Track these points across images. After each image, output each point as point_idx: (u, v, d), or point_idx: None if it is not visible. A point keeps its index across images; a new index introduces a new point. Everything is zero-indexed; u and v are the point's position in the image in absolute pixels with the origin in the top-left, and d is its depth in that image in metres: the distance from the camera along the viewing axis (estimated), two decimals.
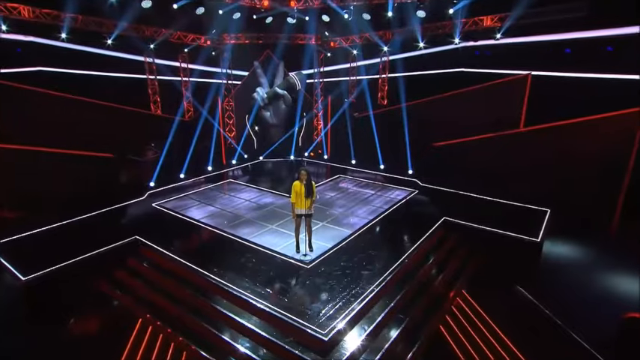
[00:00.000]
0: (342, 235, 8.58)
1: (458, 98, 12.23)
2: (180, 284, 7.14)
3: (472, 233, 8.90)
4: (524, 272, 7.89)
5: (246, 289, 6.60)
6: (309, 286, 6.78)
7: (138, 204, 10.41)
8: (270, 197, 11.22)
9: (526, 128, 10.96)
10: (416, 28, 12.75)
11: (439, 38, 12.84)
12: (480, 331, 6.71)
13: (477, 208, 9.99)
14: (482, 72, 12.70)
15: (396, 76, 14.65)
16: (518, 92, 11.36)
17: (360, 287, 6.67)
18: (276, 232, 8.83)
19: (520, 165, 10.56)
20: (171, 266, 7.59)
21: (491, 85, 11.78)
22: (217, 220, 9.51)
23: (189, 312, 6.66)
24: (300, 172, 7.40)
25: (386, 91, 15.15)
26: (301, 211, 7.51)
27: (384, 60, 14.72)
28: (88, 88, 11.40)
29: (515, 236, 8.41)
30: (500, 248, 8.39)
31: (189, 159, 12.61)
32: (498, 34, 11.68)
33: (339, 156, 14.90)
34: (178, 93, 13.97)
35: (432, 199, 10.86)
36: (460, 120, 11.96)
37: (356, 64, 15.56)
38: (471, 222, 9.05)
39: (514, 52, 11.92)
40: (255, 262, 7.56)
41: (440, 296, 7.42)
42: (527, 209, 9.87)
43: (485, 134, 11.20)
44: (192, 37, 13.36)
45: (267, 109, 15.23)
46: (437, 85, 12.82)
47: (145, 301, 7.15)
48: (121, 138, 11.24)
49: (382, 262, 7.46)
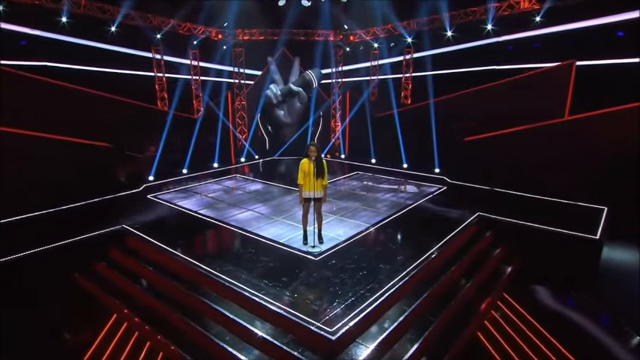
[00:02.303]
0: (358, 228, 7.65)
1: (492, 91, 11.43)
2: (166, 277, 6.30)
3: (512, 230, 7.84)
4: (579, 273, 6.71)
5: (241, 281, 5.69)
6: (316, 280, 5.85)
7: (132, 195, 9.86)
8: (278, 191, 10.55)
9: (572, 116, 9.92)
10: (444, 16, 12.03)
11: (469, 26, 12.05)
12: (528, 340, 5.54)
13: (515, 205, 8.98)
14: (517, 68, 11.81)
15: (421, 75, 13.89)
16: (562, 81, 10.47)
17: (378, 282, 5.67)
18: (282, 224, 7.99)
19: (564, 158, 9.58)
20: (157, 257, 6.78)
21: (530, 76, 10.94)
22: (215, 211, 8.78)
23: (173, 307, 5.77)
24: (308, 148, 6.58)
25: (410, 89, 14.37)
26: (310, 194, 6.63)
27: (407, 58, 14.01)
28: (95, 84, 11.09)
29: (568, 233, 7.23)
30: (548, 246, 7.26)
31: (192, 155, 12.12)
32: (537, 18, 10.78)
33: (358, 155, 14.22)
34: (187, 90, 13.57)
35: (464, 194, 10.02)
36: (495, 113, 11.13)
37: (377, 63, 14.90)
38: (511, 218, 7.94)
39: (554, 43, 11.02)
40: (254, 252, 6.68)
41: (475, 298, 6.31)
42: (575, 206, 8.77)
43: (524, 125, 10.24)
44: (202, 29, 13.03)
45: (280, 107, 14.65)
46: (466, 83, 12.05)
47: (124, 295, 6.32)
48: (123, 132, 10.81)
49: (405, 257, 6.46)
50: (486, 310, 6.18)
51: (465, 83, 12.07)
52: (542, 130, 10.06)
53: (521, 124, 10.39)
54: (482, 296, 6.35)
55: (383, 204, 9.32)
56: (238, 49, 14.19)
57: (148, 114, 11.86)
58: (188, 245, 6.98)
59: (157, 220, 8.32)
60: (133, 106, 11.33)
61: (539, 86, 10.78)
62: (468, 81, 12.17)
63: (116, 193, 9.68)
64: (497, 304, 6.44)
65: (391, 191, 10.52)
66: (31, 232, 7.51)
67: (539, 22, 10.85)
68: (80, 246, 7.03)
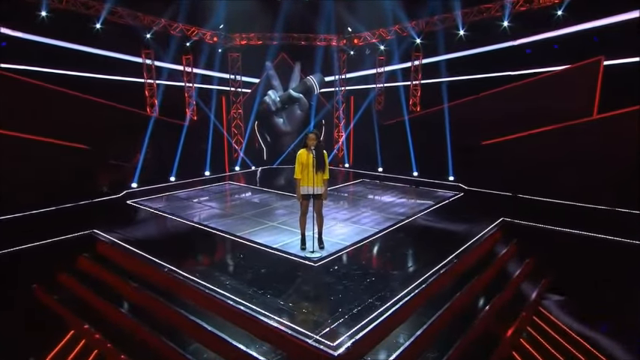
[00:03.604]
0: (364, 233, 6.94)
1: (513, 92, 10.95)
2: (139, 287, 5.54)
3: (542, 236, 7.17)
4: (628, 282, 5.88)
5: (225, 289, 4.93)
6: (315, 287, 5.13)
7: (111, 201, 9.25)
8: (274, 197, 9.94)
9: (600, 115, 9.40)
10: (456, 14, 11.66)
11: (483, 25, 11.63)
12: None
13: (543, 210, 8.44)
14: (535, 73, 11.35)
15: (430, 82, 13.46)
16: (588, 80, 9.97)
17: (390, 290, 4.90)
18: (276, 229, 7.29)
19: (594, 160, 8.99)
20: (129, 264, 6.05)
21: (554, 75, 10.47)
22: (200, 216, 8.15)
23: (142, 320, 5.00)
24: (307, 136, 5.95)
25: (419, 97, 13.89)
26: (309, 190, 5.94)
27: (416, 64, 13.60)
28: (79, 87, 10.64)
29: (612, 239, 6.46)
30: (585, 253, 6.48)
31: (182, 162, 11.59)
32: (559, 12, 10.34)
33: (364, 164, 13.70)
34: (180, 96, 13.13)
35: (483, 200, 9.58)
36: (516, 115, 10.59)
37: (383, 69, 14.48)
38: (541, 223, 7.21)
39: (576, 43, 10.55)
40: (243, 258, 5.96)
41: (507, 311, 5.49)
42: (608, 210, 8.15)
43: (547, 127, 9.75)
44: (196, 30, 12.69)
45: (279, 115, 14.15)
46: (478, 90, 11.62)
47: (86, 308, 5.55)
48: (106, 137, 10.26)
49: (421, 263, 5.72)
50: (521, 325, 5.35)
51: (478, 90, 11.61)
52: (569, 130, 9.55)
53: (545, 125, 9.90)
54: (516, 308, 5.54)
55: (393, 209, 8.70)
56: (235, 54, 13.86)
57: (133, 119, 11.33)
58: (165, 251, 6.24)
59: (133, 225, 7.63)
60: (118, 109, 10.82)
61: (563, 85, 10.32)
62: (482, 88, 11.70)
63: (94, 198, 9.11)
64: (532, 318, 5.62)
65: (402, 196, 10.00)
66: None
67: (560, 17, 10.39)
68: (43, 253, 6.35)
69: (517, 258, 6.84)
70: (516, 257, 6.85)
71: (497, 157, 10.36)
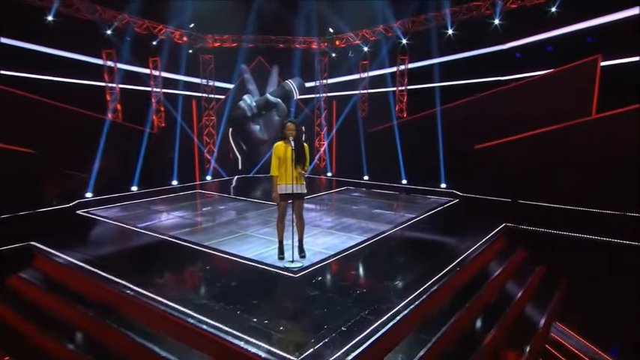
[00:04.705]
0: (351, 241, 6.34)
1: (505, 95, 10.77)
2: (75, 303, 4.73)
3: (551, 242, 6.77)
4: None
5: (185, 304, 4.19)
6: (295, 300, 4.47)
7: (58, 211, 8.44)
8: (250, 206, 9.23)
9: (600, 114, 9.22)
10: (445, 12, 11.43)
11: (472, 24, 11.42)
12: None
13: (546, 215, 8.07)
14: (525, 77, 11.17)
15: (417, 88, 13.17)
16: (586, 80, 9.81)
17: (385, 302, 4.25)
18: (251, 238, 6.60)
19: (593, 161, 8.79)
20: (68, 278, 5.24)
21: (550, 76, 10.31)
22: (161, 227, 7.38)
23: (77, 346, 4.21)
24: (285, 126, 5.37)
25: (405, 102, 13.54)
26: (287, 189, 5.30)
27: (402, 68, 13.30)
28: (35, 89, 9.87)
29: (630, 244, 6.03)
30: (602, 261, 6.00)
31: (145, 171, 10.91)
32: (553, 8, 10.18)
33: (349, 172, 13.22)
34: (145, 100, 12.42)
35: (481, 206, 9.26)
36: (509, 118, 10.31)
37: (367, 75, 14.10)
38: (548, 229, 6.77)
39: (570, 44, 10.42)
40: (209, 269, 5.23)
41: (520, 327, 4.91)
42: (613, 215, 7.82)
43: (544, 128, 9.54)
44: (163, 28, 12.07)
45: (256, 121, 13.58)
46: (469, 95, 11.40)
47: (9, 333, 4.71)
48: (60, 142, 9.44)
49: (420, 272, 5.10)
50: (540, 344, 4.76)
51: (468, 95, 11.34)
52: (568, 131, 9.32)
53: (541, 127, 9.65)
54: (532, 323, 4.96)
55: (382, 216, 8.17)
56: (207, 56, 13.31)
57: (90, 123, 10.51)
58: (117, 264, 5.48)
59: (81, 237, 6.80)
60: (72, 112, 10.00)
61: (560, 86, 10.13)
62: (471, 94, 11.44)
63: (38, 207, 8.28)
64: (551, 335, 5.05)
65: (391, 203, 9.59)
66: None
67: (554, 14, 10.22)
68: None
69: (524, 266, 6.32)
70: (524, 265, 6.34)
71: (492, 161, 10.00)
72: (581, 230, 6.81)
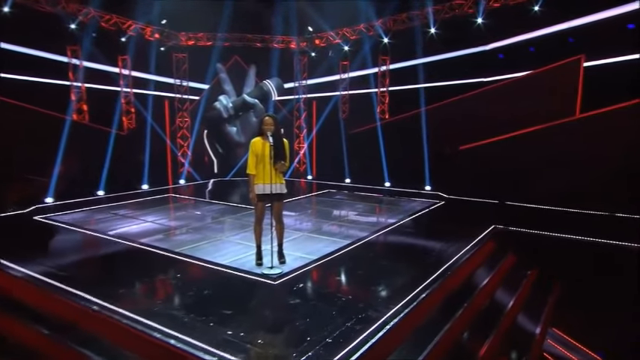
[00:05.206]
0: (335, 245, 6.05)
1: (489, 95, 10.77)
2: (34, 323, 4.28)
3: (541, 244, 6.69)
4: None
5: (151, 317, 3.82)
6: (274, 310, 4.18)
7: (13, 217, 7.93)
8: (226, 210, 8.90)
9: (584, 114, 9.28)
10: (427, 11, 11.35)
11: (455, 22, 11.36)
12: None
13: (534, 216, 8.09)
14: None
15: (399, 89, 13.08)
16: (569, 79, 9.87)
17: (373, 311, 3.97)
18: (227, 243, 6.26)
19: (579, 162, 8.80)
20: (24, 293, 4.78)
21: (534, 76, 10.36)
22: (129, 233, 6.94)
23: None
24: (262, 121, 5.06)
25: (387, 104, 13.40)
26: (265, 189, 4.98)
27: (383, 69, 13.16)
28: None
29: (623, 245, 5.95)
30: (596, 262, 5.90)
31: (114, 174, 10.51)
32: (535, 7, 10.19)
33: (330, 175, 13.05)
34: (113, 101, 11.91)
35: (468, 209, 9.16)
36: (493, 118, 10.32)
37: (347, 76, 13.91)
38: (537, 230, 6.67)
39: (552, 45, 10.48)
40: (181, 278, 4.86)
41: (515, 336, 4.70)
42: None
43: (529, 128, 9.58)
44: (133, 24, 11.59)
45: (233, 123, 13.23)
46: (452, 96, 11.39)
47: None
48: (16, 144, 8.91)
49: (408, 278, 4.86)
50: (537, 352, 4.56)
51: (450, 96, 11.30)
52: (553, 130, 9.33)
53: (526, 127, 9.67)
54: (528, 329, 4.75)
55: (366, 219, 8.04)
56: (180, 55, 12.90)
57: (51, 125, 9.96)
58: (75, 273, 5.06)
59: (36, 245, 6.31)
60: (30, 112, 9.45)
61: (544, 86, 10.17)
62: (454, 95, 11.41)
63: None
64: (548, 341, 4.86)
65: (375, 206, 9.53)
66: None
67: (538, 13, 10.23)
68: None
69: (516, 270, 6.15)
70: (515, 270, 6.16)
71: (476, 162, 9.96)
72: (570, 231, 6.76)
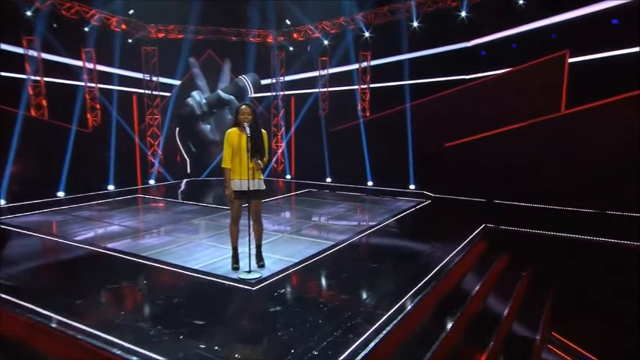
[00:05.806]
0: (318, 247, 5.72)
1: (472, 92, 10.73)
2: None
3: (533, 243, 6.51)
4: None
5: (111, 330, 3.40)
6: (253, 319, 3.81)
7: None
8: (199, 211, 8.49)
9: (571, 109, 9.27)
10: (410, 4, 11.18)
11: (438, 15, 11.23)
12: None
13: (526, 214, 7.97)
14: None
15: (381, 86, 12.90)
16: (554, 75, 9.88)
17: (363, 318, 3.65)
18: (200, 246, 5.89)
19: (566, 158, 8.81)
20: None
21: (519, 71, 10.29)
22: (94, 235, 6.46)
23: None
24: (239, 110, 4.66)
25: (368, 101, 13.19)
26: (242, 185, 4.60)
27: (364, 65, 12.94)
28: None
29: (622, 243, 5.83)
30: (595, 261, 5.76)
31: (77, 174, 10.03)
32: (520, 1, 10.13)
33: (310, 174, 12.77)
34: (76, 96, 11.31)
35: (454, 207, 9.04)
36: (478, 115, 10.24)
37: (327, 72, 13.64)
38: (531, 229, 6.52)
39: (535, 41, 10.47)
40: (147, 285, 4.44)
41: (515, 342, 4.47)
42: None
43: (514, 125, 9.54)
44: (96, 13, 11.00)
45: (206, 120, 12.80)
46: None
47: None
48: None
49: (399, 281, 4.58)
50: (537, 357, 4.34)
51: (432, 93, 11.20)
52: (538, 127, 9.30)
53: (512, 124, 9.60)
54: (527, 334, 4.53)
55: (350, 219, 7.81)
56: (150, 48, 12.36)
57: (6, 121, 9.35)
58: (26, 285, 4.58)
59: None
60: None
61: (529, 81, 10.12)
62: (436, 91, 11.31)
63: None
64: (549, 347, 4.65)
65: (358, 206, 9.37)
66: None
67: (522, 6, 10.17)
68: None
69: (510, 272, 5.96)
70: (509, 271, 5.97)
71: (461, 160, 9.88)
72: (562, 229, 6.62)
